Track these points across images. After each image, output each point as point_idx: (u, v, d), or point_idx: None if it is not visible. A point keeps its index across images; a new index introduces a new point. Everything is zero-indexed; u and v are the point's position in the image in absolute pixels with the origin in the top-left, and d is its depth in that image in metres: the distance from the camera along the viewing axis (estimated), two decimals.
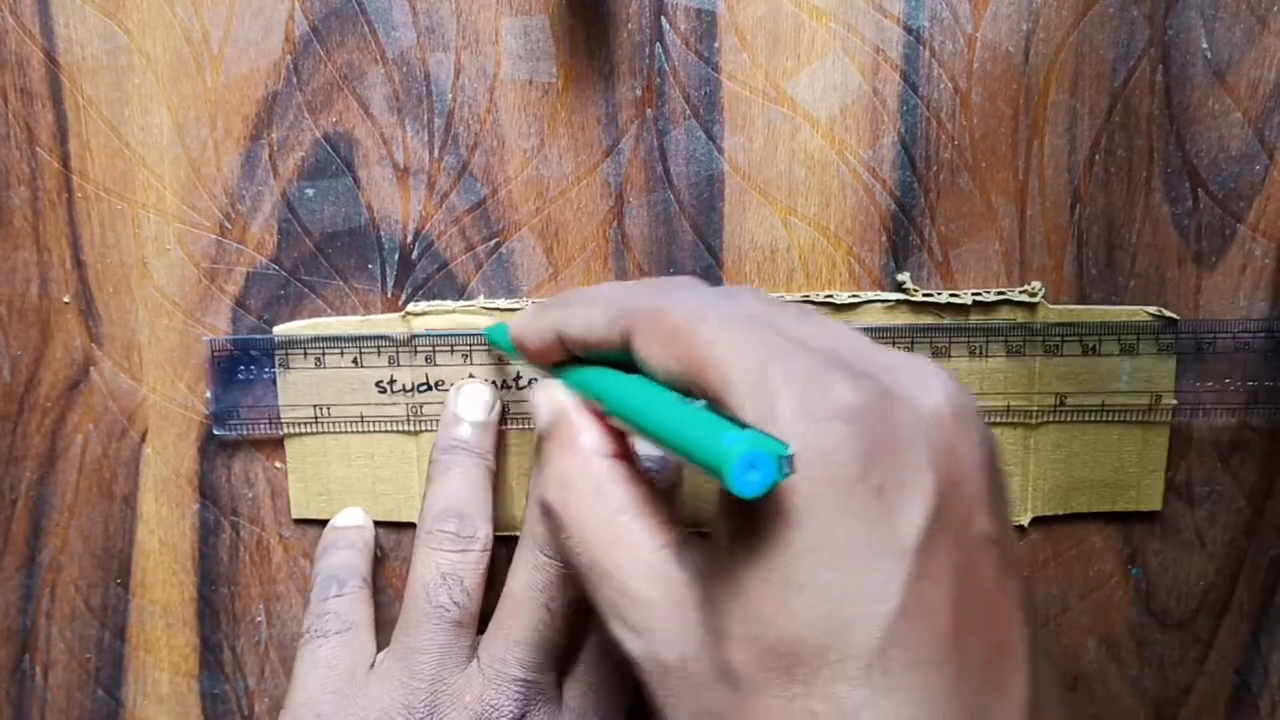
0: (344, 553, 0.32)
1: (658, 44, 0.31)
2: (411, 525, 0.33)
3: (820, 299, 0.31)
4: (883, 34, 0.31)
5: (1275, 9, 0.30)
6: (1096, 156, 0.31)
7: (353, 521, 0.33)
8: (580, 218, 0.32)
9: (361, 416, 0.32)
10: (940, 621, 0.19)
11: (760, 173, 0.31)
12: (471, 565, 0.29)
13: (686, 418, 0.20)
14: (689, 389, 0.21)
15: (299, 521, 0.33)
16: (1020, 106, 0.31)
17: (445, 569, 0.29)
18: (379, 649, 0.30)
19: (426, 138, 0.32)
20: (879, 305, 0.31)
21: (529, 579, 0.28)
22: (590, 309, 0.25)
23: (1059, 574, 0.33)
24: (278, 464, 0.33)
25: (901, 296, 0.31)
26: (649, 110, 0.31)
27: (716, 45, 0.31)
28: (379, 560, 0.33)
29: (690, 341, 0.21)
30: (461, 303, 0.32)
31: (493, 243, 0.32)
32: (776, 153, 0.31)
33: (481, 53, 0.31)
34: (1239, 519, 0.33)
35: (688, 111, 0.31)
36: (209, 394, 0.33)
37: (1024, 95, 0.31)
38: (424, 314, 0.32)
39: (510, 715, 0.28)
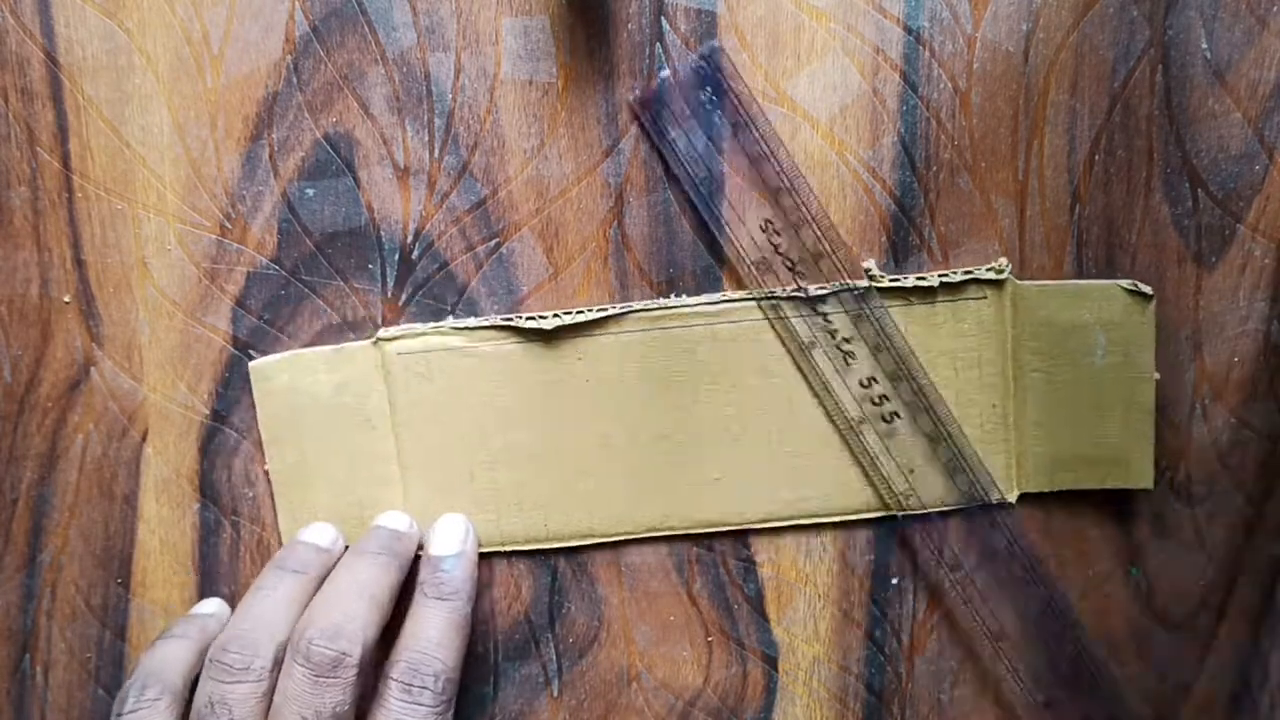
0: (171, 645, 0.31)
1: (658, 44, 0.31)
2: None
3: (787, 293, 0.31)
4: (883, 34, 0.31)
5: (1275, 9, 0.30)
6: (1096, 156, 0.31)
7: (205, 610, 0.33)
8: (580, 218, 0.32)
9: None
10: None
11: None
12: (241, 697, 0.28)
13: None
14: None
15: None
16: (1020, 106, 0.31)
17: (215, 698, 0.28)
18: None
19: (426, 138, 0.32)
20: (849, 295, 0.31)
21: (286, 689, 0.28)
22: None
23: (1058, 574, 0.33)
24: None
25: (868, 284, 0.31)
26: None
27: (716, 45, 0.31)
28: None
29: None
30: (432, 324, 0.32)
31: (493, 243, 0.32)
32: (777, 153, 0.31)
33: (481, 53, 0.31)
34: (1239, 519, 0.33)
35: (688, 111, 0.31)
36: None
37: (1024, 95, 0.31)
38: (395, 339, 0.32)
39: None
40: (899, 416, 0.32)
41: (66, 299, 0.33)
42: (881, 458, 0.32)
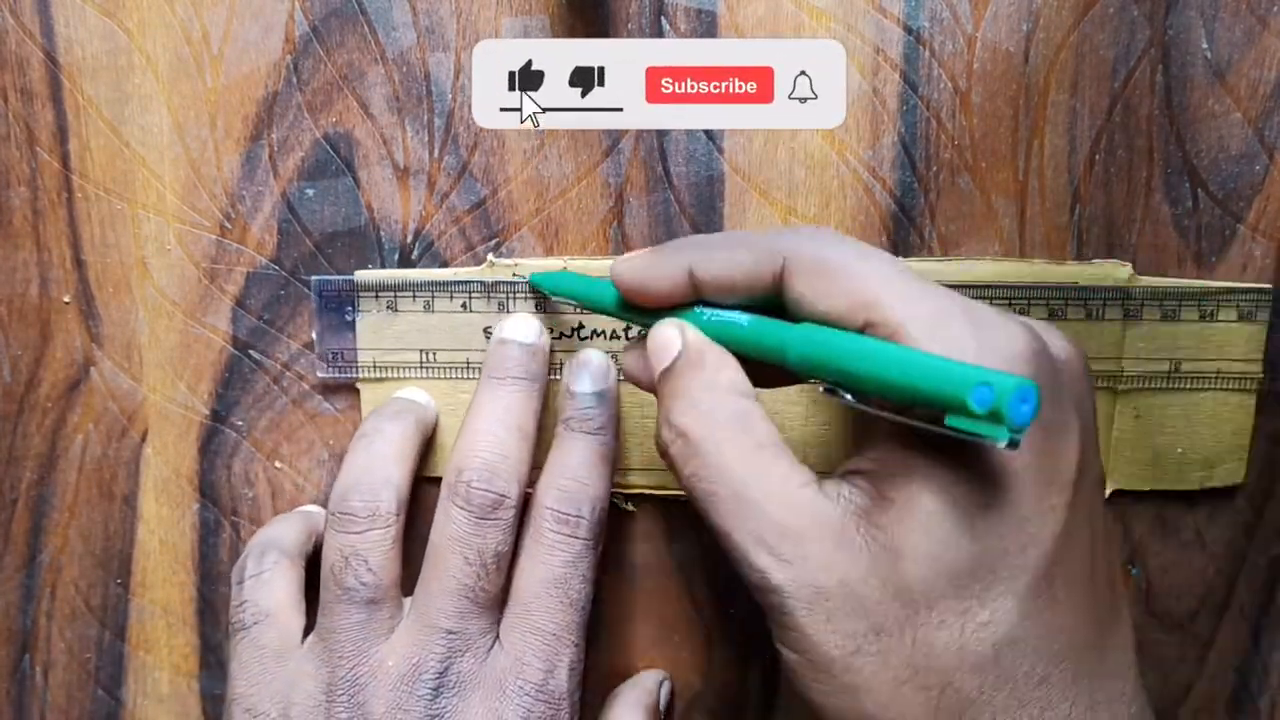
0: (279, 523, 0.32)
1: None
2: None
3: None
4: (883, 34, 0.31)
5: (1275, 9, 0.30)
6: (1096, 156, 0.31)
7: (307, 509, 0.33)
8: (580, 218, 0.32)
9: (468, 363, 0.32)
10: (1083, 547, 0.23)
11: (760, 173, 0.31)
12: (373, 544, 0.28)
13: (911, 356, 0.21)
14: (846, 329, 0.23)
15: None
16: (1020, 106, 0.31)
17: (347, 551, 0.28)
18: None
19: (426, 138, 0.32)
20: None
21: (446, 530, 0.28)
22: (733, 251, 0.25)
23: None
24: (277, 464, 0.33)
25: None
26: None
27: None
28: None
29: (859, 282, 0.23)
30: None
31: (493, 243, 0.32)
32: (776, 153, 0.31)
33: None
34: (1239, 519, 0.33)
35: None
36: (314, 334, 0.32)
37: (1024, 95, 0.31)
38: (512, 264, 0.32)
39: (433, 671, 0.27)
40: None
41: (66, 299, 0.33)
42: None
